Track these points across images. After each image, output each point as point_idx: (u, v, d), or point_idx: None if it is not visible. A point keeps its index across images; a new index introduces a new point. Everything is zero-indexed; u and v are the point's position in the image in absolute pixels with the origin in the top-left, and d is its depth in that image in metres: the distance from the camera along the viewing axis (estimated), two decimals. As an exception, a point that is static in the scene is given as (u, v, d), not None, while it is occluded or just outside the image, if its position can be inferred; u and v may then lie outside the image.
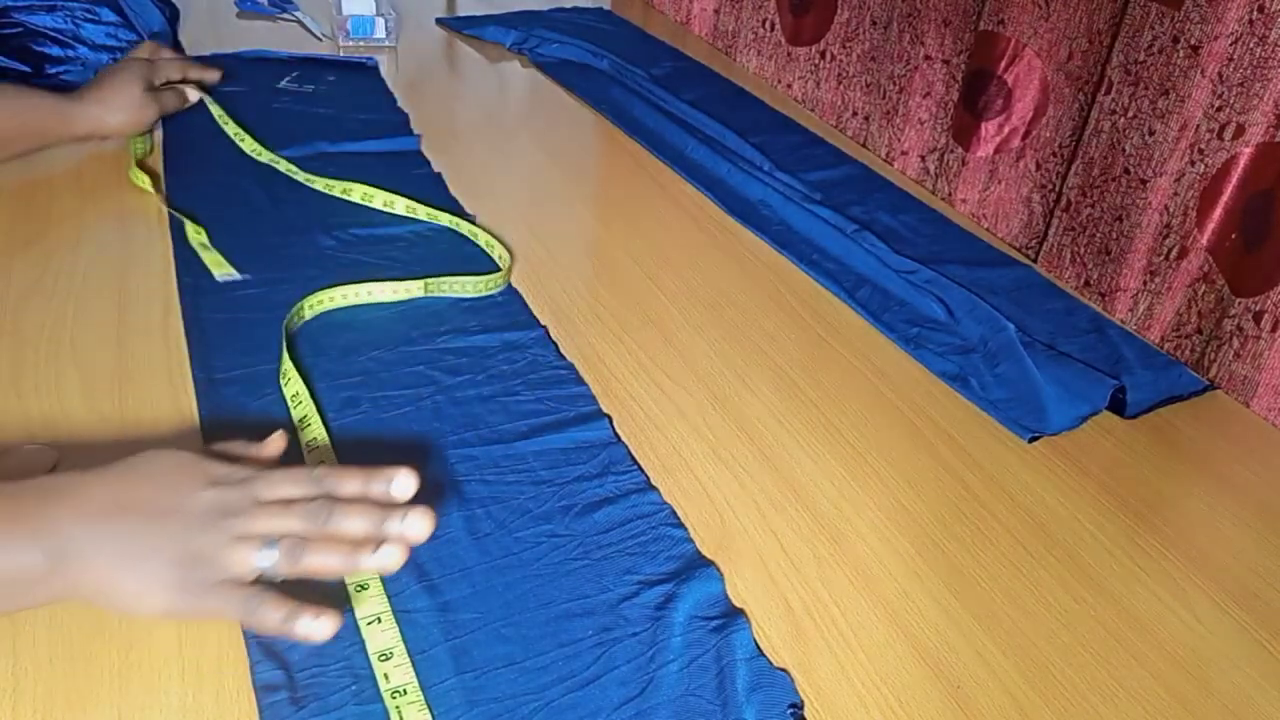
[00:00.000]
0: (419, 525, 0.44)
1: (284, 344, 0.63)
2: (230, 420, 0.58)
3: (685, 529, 0.54)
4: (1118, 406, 0.67)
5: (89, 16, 0.99)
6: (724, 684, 0.45)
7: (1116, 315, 0.78)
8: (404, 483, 0.45)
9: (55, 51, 0.96)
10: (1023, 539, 0.56)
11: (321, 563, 0.43)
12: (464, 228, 0.79)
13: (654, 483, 0.57)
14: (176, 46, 1.09)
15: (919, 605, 0.51)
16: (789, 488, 0.58)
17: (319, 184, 0.83)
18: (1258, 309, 0.67)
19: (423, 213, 0.81)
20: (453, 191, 0.86)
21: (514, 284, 0.74)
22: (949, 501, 0.58)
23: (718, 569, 0.51)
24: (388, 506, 0.45)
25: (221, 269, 0.71)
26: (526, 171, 0.93)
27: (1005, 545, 0.56)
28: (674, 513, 0.55)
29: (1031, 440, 0.64)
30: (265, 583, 0.43)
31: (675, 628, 0.48)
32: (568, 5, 1.39)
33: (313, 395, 0.59)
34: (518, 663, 0.46)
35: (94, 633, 0.45)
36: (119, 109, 0.83)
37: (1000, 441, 0.64)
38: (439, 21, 1.29)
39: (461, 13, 1.33)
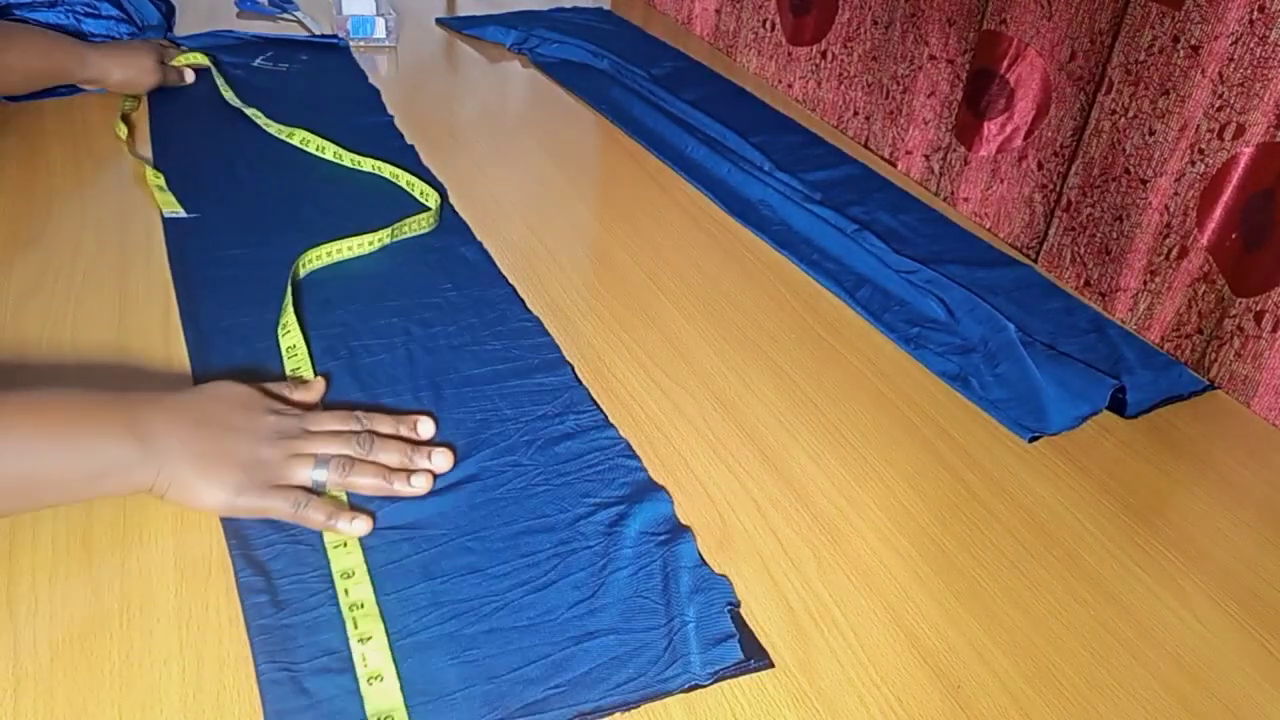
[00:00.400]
0: (442, 460, 0.55)
1: (288, 292, 0.67)
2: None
3: (638, 459, 0.58)
4: (1118, 406, 0.67)
5: (90, 12, 0.99)
6: (669, 587, 0.50)
7: (1116, 315, 0.78)
8: (426, 426, 0.57)
9: (56, 50, 0.96)
10: (1023, 539, 0.56)
11: (365, 482, 0.53)
12: (401, 178, 0.86)
13: (659, 482, 0.57)
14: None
15: (919, 605, 0.51)
16: (789, 488, 0.58)
17: (273, 129, 0.92)
18: (1258, 309, 0.67)
19: (348, 159, 0.88)
20: (452, 191, 0.86)
21: (512, 281, 0.74)
22: (949, 501, 0.58)
23: (667, 493, 0.56)
24: (415, 445, 0.56)
25: (170, 207, 0.78)
26: (526, 171, 0.93)
27: (1005, 545, 0.56)
28: (628, 446, 0.59)
29: (1031, 440, 0.64)
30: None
31: (626, 541, 0.52)
32: (568, 5, 1.39)
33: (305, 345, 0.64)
34: (480, 570, 0.50)
35: (94, 633, 0.45)
36: (126, 66, 0.94)
37: (1000, 441, 0.64)
38: (439, 21, 1.29)
39: (461, 13, 1.33)
